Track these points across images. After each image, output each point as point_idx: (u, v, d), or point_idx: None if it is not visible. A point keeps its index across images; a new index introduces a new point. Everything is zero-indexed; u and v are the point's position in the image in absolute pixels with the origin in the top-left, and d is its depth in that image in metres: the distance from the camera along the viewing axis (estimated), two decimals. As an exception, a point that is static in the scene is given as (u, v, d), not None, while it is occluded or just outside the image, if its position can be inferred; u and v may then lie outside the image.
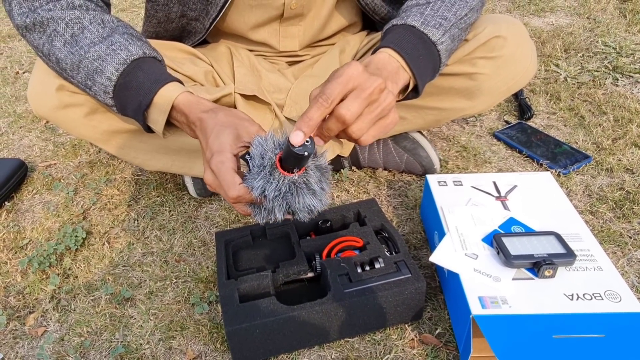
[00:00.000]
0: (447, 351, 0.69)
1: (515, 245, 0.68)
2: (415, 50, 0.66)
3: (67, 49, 0.68)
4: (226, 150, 0.58)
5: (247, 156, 0.58)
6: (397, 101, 0.72)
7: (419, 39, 0.68)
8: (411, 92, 0.70)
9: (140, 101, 0.67)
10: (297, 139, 0.52)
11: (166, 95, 0.66)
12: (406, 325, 0.72)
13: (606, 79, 1.31)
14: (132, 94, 0.67)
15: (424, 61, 0.68)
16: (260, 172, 0.55)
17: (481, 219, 0.76)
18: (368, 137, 0.58)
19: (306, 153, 0.52)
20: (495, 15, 0.84)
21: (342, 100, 0.55)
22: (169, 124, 0.70)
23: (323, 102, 0.54)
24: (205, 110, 0.63)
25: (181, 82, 0.69)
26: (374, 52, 0.67)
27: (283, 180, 0.54)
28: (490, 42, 0.79)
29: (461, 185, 0.84)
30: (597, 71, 1.35)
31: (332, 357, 0.69)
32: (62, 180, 1.08)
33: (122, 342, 0.74)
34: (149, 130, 0.72)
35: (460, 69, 0.81)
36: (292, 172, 0.54)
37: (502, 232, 0.73)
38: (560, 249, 0.67)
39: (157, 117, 0.68)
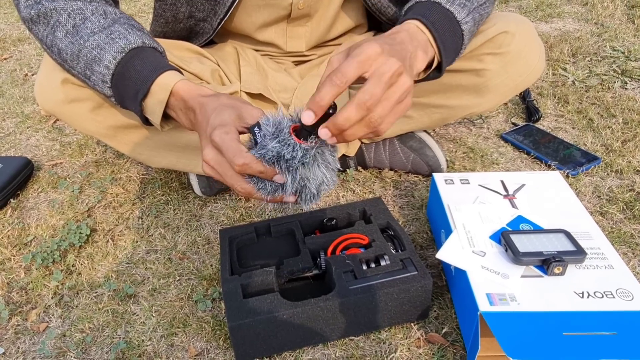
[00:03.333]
0: (454, 350, 0.67)
1: (523, 243, 0.67)
2: (442, 26, 0.64)
3: (68, 39, 0.68)
4: (230, 124, 0.56)
5: (255, 128, 0.55)
6: (419, 81, 0.69)
7: (445, 16, 0.65)
8: (433, 71, 0.68)
9: (137, 90, 0.66)
10: (308, 119, 0.50)
11: (164, 83, 0.65)
12: (412, 324, 0.71)
13: (615, 82, 1.30)
14: (129, 83, 0.66)
15: (449, 39, 0.65)
16: (274, 137, 0.53)
17: (489, 216, 0.74)
18: (387, 124, 0.54)
19: (330, 111, 0.50)
20: (503, 13, 0.83)
21: (357, 82, 0.53)
22: (167, 117, 0.69)
23: (337, 81, 0.50)
24: (207, 95, 0.62)
25: (180, 72, 0.68)
26: (398, 24, 0.64)
27: (299, 147, 0.52)
28: (497, 37, 0.78)
29: (468, 183, 0.82)
30: (606, 75, 1.34)
31: (337, 355, 0.68)
32: (67, 179, 1.09)
33: (124, 338, 0.73)
34: (147, 122, 0.71)
35: (468, 65, 0.80)
36: (308, 141, 0.52)
37: (510, 229, 0.71)
38: (570, 247, 0.66)
39: (154, 107, 0.67)
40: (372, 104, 0.51)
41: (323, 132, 0.52)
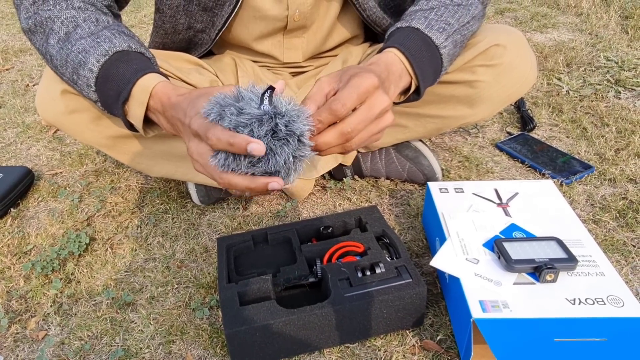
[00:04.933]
0: (449, 357, 0.68)
1: (516, 250, 0.68)
2: (420, 52, 0.68)
3: (59, 45, 0.69)
4: None
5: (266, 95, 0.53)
6: (397, 103, 0.73)
7: (423, 42, 0.69)
8: (413, 95, 0.71)
9: (119, 92, 0.65)
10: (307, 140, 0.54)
11: (145, 85, 0.64)
12: (407, 331, 0.72)
13: (608, 92, 1.32)
14: (112, 86, 0.65)
15: (427, 64, 0.69)
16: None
17: (482, 224, 0.75)
18: (356, 149, 0.59)
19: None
20: (495, 25, 0.85)
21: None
22: (151, 122, 0.68)
23: (337, 112, 0.55)
24: (182, 93, 0.61)
25: (165, 76, 0.67)
26: (379, 51, 0.68)
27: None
28: (489, 50, 0.80)
29: (462, 192, 0.84)
30: (600, 85, 1.36)
31: (332, 362, 0.69)
32: (67, 188, 1.10)
33: (122, 346, 0.74)
34: (132, 128, 0.70)
35: (461, 77, 0.82)
36: None
37: (503, 237, 0.72)
38: (561, 254, 0.67)
39: (135, 111, 0.65)
40: (353, 135, 0.56)
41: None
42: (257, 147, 0.50)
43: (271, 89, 0.52)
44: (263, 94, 0.52)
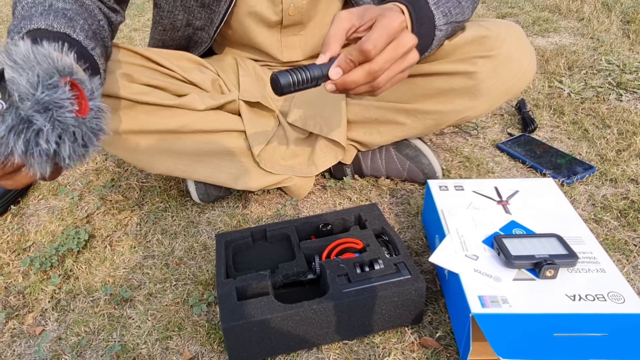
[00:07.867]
0: (448, 355, 0.67)
1: (516, 246, 0.67)
2: (422, 21, 0.68)
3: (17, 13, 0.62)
4: None
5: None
6: None
7: (426, 16, 0.69)
8: None
9: None
10: (336, 75, 0.57)
11: None
12: (406, 328, 0.71)
13: (610, 94, 1.31)
14: None
15: (423, 36, 0.69)
16: None
17: (482, 221, 0.75)
18: (383, 89, 0.60)
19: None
20: (494, 19, 0.85)
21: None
22: None
23: (368, 52, 0.55)
24: None
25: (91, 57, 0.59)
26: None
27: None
28: (488, 41, 0.80)
29: (462, 190, 0.83)
30: (601, 87, 1.35)
31: (331, 359, 0.68)
32: (67, 186, 1.10)
33: (119, 341, 0.73)
34: None
35: (459, 68, 0.82)
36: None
37: (502, 234, 0.72)
38: (562, 250, 0.67)
39: None
40: (380, 74, 0.57)
41: (329, 87, 0.58)
42: None
43: None
44: None
